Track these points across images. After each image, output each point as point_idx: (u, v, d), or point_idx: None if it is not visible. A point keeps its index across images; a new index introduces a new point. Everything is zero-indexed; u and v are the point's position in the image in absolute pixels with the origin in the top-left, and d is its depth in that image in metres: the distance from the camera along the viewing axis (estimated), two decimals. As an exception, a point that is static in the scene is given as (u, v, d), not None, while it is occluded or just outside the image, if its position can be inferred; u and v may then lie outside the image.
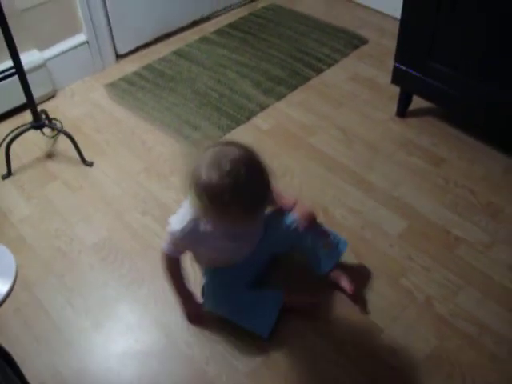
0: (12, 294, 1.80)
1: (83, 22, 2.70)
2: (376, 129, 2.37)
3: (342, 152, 2.26)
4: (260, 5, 3.36)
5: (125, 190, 2.16)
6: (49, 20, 2.58)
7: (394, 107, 2.42)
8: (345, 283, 1.70)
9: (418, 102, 2.38)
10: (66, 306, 1.77)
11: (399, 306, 1.70)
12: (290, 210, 1.63)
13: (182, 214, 1.46)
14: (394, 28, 2.30)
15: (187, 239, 1.46)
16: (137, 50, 3.01)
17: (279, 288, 1.70)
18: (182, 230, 1.43)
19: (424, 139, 2.30)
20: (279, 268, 1.81)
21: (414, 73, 2.20)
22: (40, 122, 2.24)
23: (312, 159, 2.24)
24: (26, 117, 2.32)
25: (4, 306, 1.77)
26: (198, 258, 1.67)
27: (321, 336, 1.63)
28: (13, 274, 1.83)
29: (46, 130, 2.40)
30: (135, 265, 1.87)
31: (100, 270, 1.87)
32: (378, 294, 1.72)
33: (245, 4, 3.36)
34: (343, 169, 2.18)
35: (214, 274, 1.67)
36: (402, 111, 2.41)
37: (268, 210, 1.63)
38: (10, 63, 2.13)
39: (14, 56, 2.09)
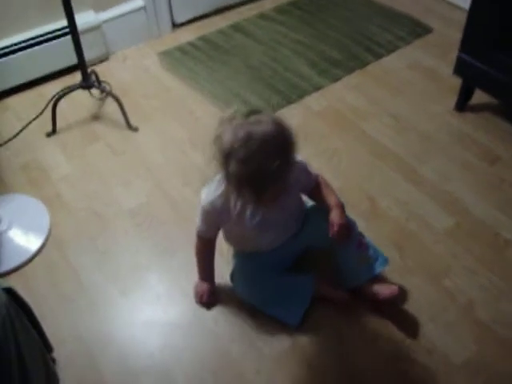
0: (43, 251, 1.79)
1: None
2: (432, 120, 2.25)
3: (393, 140, 2.16)
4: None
5: (168, 159, 2.12)
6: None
7: (452, 100, 2.30)
8: (377, 291, 1.57)
9: (477, 97, 2.25)
10: (95, 269, 1.74)
11: (439, 306, 1.60)
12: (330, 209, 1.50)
13: (213, 188, 1.41)
14: (461, 18, 2.19)
15: (217, 213, 1.42)
16: (194, 20, 2.95)
17: (310, 276, 1.62)
18: (212, 202, 1.40)
19: (481, 135, 2.17)
20: (312, 256, 1.72)
21: (478, 64, 2.07)
22: (89, 82, 2.21)
23: (362, 144, 2.14)
24: (77, 77, 2.30)
25: (34, 262, 1.76)
26: (228, 236, 1.61)
27: (352, 327, 1.56)
28: (46, 232, 1.82)
29: (95, 92, 2.38)
30: (169, 234, 1.83)
31: (134, 236, 1.84)
32: (418, 291, 1.63)
33: (308, -18, 3.24)
34: (393, 157, 2.08)
35: (243, 257, 1.62)
36: (461, 105, 2.28)
37: (311, 205, 1.59)
38: (65, 22, 2.10)
39: (69, 15, 2.06)
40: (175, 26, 2.90)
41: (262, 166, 1.21)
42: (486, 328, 1.54)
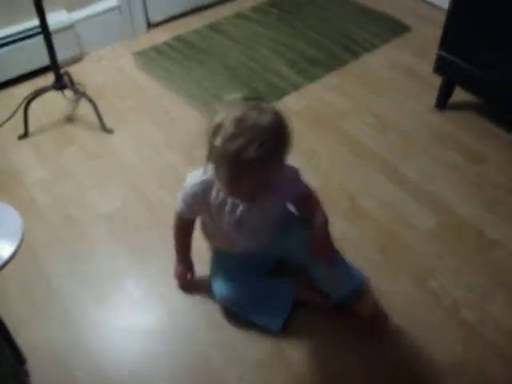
0: (15, 258, 1.72)
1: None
2: (413, 119, 2.23)
3: (374, 139, 2.13)
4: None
5: (143, 161, 2.06)
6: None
7: (433, 98, 2.28)
8: (361, 308, 1.51)
9: (458, 95, 2.23)
10: (68, 275, 1.68)
11: (424, 307, 1.57)
12: (310, 215, 1.44)
13: (199, 173, 1.37)
14: (439, 17, 2.20)
15: (197, 197, 1.38)
16: (169, 20, 2.90)
17: (290, 280, 1.58)
18: (194, 185, 1.37)
19: (463, 134, 2.15)
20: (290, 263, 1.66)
21: (458, 61, 2.05)
22: (62, 83, 2.15)
23: (342, 144, 2.11)
24: (50, 79, 2.22)
25: (5, 269, 1.69)
26: (203, 228, 1.56)
27: (334, 330, 1.51)
28: (19, 237, 1.75)
29: (69, 93, 2.31)
30: (146, 238, 1.77)
31: (109, 240, 1.78)
32: (402, 292, 1.60)
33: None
34: (374, 157, 2.05)
35: (221, 258, 1.58)
36: (442, 103, 2.26)
37: (295, 216, 1.53)
38: (36, 22, 2.03)
39: (40, 14, 2.00)
40: (150, 25, 2.85)
41: (244, 150, 1.15)
42: (471, 329, 1.51)
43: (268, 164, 1.21)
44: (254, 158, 1.16)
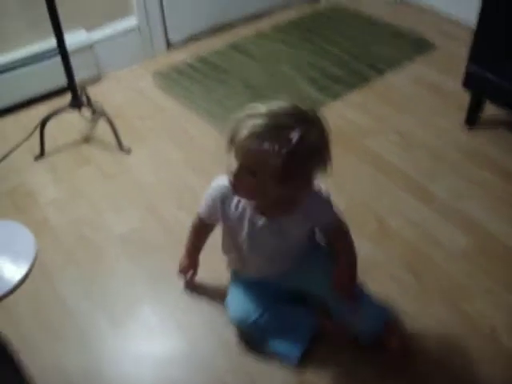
0: (28, 279, 1.66)
1: (135, 4, 2.57)
2: (440, 136, 2.14)
3: (400, 157, 2.04)
4: (323, 4, 3.18)
5: (161, 181, 2.00)
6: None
7: (461, 115, 2.19)
8: (388, 342, 1.40)
9: (489, 111, 2.15)
10: (83, 298, 1.61)
11: (459, 334, 1.46)
12: (337, 250, 1.38)
13: (225, 177, 1.28)
14: (464, 35, 2.20)
15: (215, 202, 1.32)
16: (190, 40, 2.86)
17: (311, 311, 1.48)
18: (215, 189, 1.33)
19: (494, 151, 2.06)
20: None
21: (488, 74, 1.97)
22: (79, 101, 2.11)
23: (366, 162, 2.03)
24: (68, 99, 2.18)
25: (18, 291, 1.63)
26: (222, 240, 1.46)
27: (359, 365, 1.39)
28: (31, 258, 1.69)
29: (86, 113, 2.27)
30: (164, 262, 1.70)
31: (125, 263, 1.71)
32: (434, 318, 1.50)
33: (307, 3, 3.18)
34: (401, 175, 1.96)
35: (239, 280, 1.50)
36: (472, 119, 2.17)
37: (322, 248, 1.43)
38: (54, 41, 2.00)
39: (58, 34, 1.97)
40: (170, 46, 2.81)
41: (270, 147, 1.07)
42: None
43: (294, 173, 1.13)
44: (278, 161, 1.08)
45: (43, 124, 2.11)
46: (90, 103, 2.19)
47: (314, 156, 1.14)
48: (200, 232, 1.49)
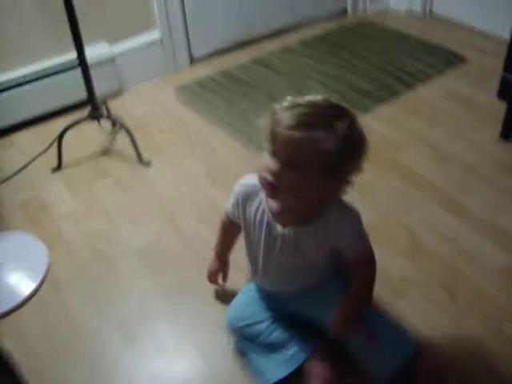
0: (39, 293, 1.58)
1: (158, 17, 2.53)
2: (474, 150, 2.02)
3: (432, 171, 1.93)
4: (350, 19, 3.12)
5: (182, 194, 1.92)
6: (122, 11, 2.43)
7: (495, 129, 2.08)
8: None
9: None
10: (96, 314, 1.52)
11: (502, 357, 1.33)
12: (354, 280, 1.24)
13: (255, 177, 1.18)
14: (496, 48, 2.15)
15: (238, 200, 1.24)
16: (213, 54, 2.81)
17: (310, 341, 1.31)
18: (240, 185, 1.25)
19: (532, 165, 1.93)
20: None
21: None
22: (98, 112, 2.05)
23: (397, 176, 1.92)
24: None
25: (28, 305, 1.54)
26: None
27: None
28: (43, 271, 1.61)
29: (106, 125, 2.22)
30: (182, 276, 1.61)
31: (141, 277, 1.62)
32: (474, 338, 1.37)
33: (333, 18, 3.12)
34: (433, 189, 1.85)
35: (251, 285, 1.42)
36: (508, 132, 2.06)
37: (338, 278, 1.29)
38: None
39: (78, 44, 1.92)
40: (193, 60, 2.76)
41: (322, 135, 1.00)
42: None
43: (327, 170, 1.04)
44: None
45: (61, 136, 2.05)
46: (109, 115, 2.14)
47: (358, 152, 1.06)
48: (227, 230, 1.40)
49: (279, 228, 1.19)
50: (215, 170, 2.02)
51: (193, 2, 2.59)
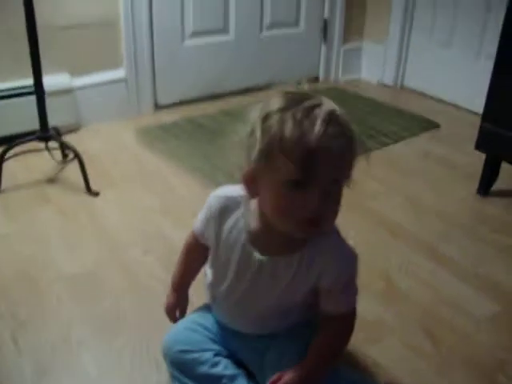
0: None
1: (125, 57, 2.41)
2: (452, 203, 1.89)
3: (409, 220, 1.78)
4: (321, 85, 3.07)
5: (130, 226, 1.71)
6: (87, 44, 2.30)
7: (473, 186, 1.96)
8: None
9: (504, 181, 1.94)
10: (8, 341, 1.25)
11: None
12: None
13: (232, 189, 1.00)
14: (470, 117, 2.23)
15: (211, 213, 1.00)
16: (179, 104, 2.68)
17: None
18: (215, 196, 1.02)
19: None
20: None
21: (505, 132, 1.77)
22: (47, 133, 1.86)
23: (371, 223, 1.76)
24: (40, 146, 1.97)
25: None
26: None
27: None
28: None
29: (56, 155, 2.03)
30: (117, 309, 1.36)
31: (69, 305, 1.37)
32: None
33: (306, 81, 3.06)
34: (411, 236, 1.69)
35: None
36: (486, 188, 1.94)
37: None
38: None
39: (36, 68, 1.82)
40: (158, 106, 2.62)
41: (321, 135, 0.81)
42: None
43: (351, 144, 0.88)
44: (332, 148, 0.83)
45: (2, 155, 1.84)
46: (59, 140, 1.95)
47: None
48: (191, 254, 1.14)
49: (256, 255, 0.97)
50: (170, 205, 1.83)
51: (163, 49, 2.51)
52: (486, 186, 1.94)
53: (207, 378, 1.05)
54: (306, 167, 0.82)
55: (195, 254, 1.12)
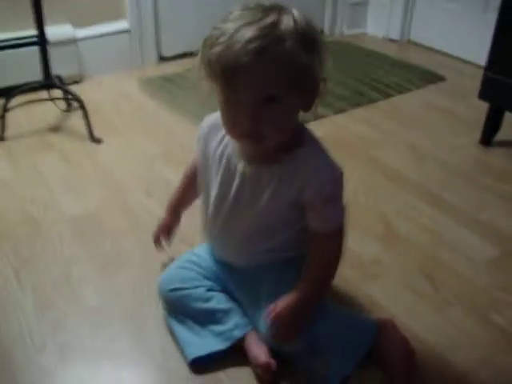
0: None
1: (129, 8, 2.38)
2: (454, 152, 1.89)
3: (411, 168, 1.78)
4: (326, 39, 3.03)
5: (133, 170, 1.73)
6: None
7: (476, 136, 1.95)
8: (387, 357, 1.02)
9: (506, 131, 1.92)
10: (12, 278, 1.27)
11: (491, 346, 1.13)
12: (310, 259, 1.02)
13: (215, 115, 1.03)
14: (476, 71, 2.15)
15: (200, 141, 1.08)
16: (183, 56, 2.66)
17: (245, 322, 1.08)
18: (202, 126, 1.09)
19: (512, 166, 1.80)
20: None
21: (508, 80, 1.74)
22: (51, 81, 1.86)
23: (373, 170, 1.76)
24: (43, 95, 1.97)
25: None
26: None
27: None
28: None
29: (59, 104, 2.03)
30: (119, 247, 1.39)
31: (71, 244, 1.40)
32: (461, 329, 1.17)
33: (310, 35, 3.02)
34: (412, 183, 1.69)
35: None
36: (488, 137, 1.93)
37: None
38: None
39: (38, 18, 1.80)
40: (162, 58, 2.60)
41: (277, 50, 0.82)
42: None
43: (281, 55, 0.84)
44: (249, 64, 0.81)
45: (7, 102, 1.85)
46: (64, 90, 1.95)
47: (319, 45, 0.92)
48: (189, 179, 1.20)
49: (240, 165, 1.00)
50: (172, 151, 1.84)
51: (167, 0, 2.47)
52: (488, 136, 1.92)
53: (201, 312, 1.08)
54: (227, 84, 0.86)
55: (192, 179, 1.17)
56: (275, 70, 0.84)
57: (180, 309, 1.11)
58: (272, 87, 0.85)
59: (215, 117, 1.02)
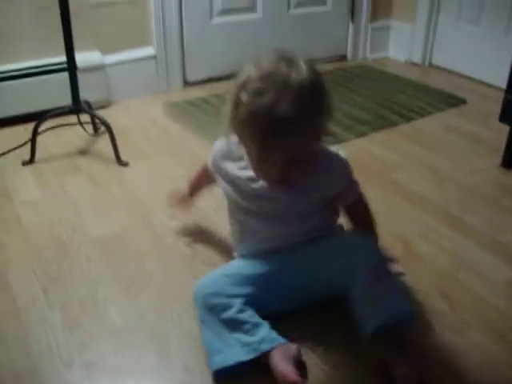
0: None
1: (154, 34, 2.46)
2: (474, 174, 1.90)
3: (431, 190, 1.80)
4: (349, 64, 3.08)
5: (157, 193, 1.77)
6: (118, 23, 2.37)
7: (497, 158, 1.96)
8: (399, 370, 1.04)
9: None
10: (41, 296, 1.32)
11: (507, 365, 1.13)
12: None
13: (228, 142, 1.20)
14: (496, 94, 2.18)
15: (221, 156, 1.24)
16: (208, 81, 2.73)
17: (276, 338, 1.11)
18: (221, 143, 1.25)
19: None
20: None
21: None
22: (79, 106, 1.93)
23: (393, 192, 1.79)
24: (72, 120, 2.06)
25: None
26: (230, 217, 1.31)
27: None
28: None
29: (87, 129, 2.10)
30: (143, 268, 1.43)
31: (97, 264, 1.44)
32: (480, 350, 1.17)
33: (332, 61, 3.08)
34: (432, 206, 1.71)
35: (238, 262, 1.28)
36: (509, 160, 1.94)
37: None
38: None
39: (68, 45, 1.88)
40: (187, 83, 2.67)
41: (275, 104, 0.98)
42: None
43: (304, 126, 1.01)
44: (287, 116, 0.97)
45: (36, 128, 1.92)
46: (91, 114, 2.02)
47: (320, 100, 1.07)
48: (202, 175, 1.42)
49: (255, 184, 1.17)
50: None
51: (192, 27, 2.56)
52: (509, 159, 1.93)
53: (232, 321, 1.10)
54: (262, 144, 1.02)
55: (205, 176, 1.39)
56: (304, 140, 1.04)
57: (213, 314, 1.13)
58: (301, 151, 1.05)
59: (225, 143, 1.19)
